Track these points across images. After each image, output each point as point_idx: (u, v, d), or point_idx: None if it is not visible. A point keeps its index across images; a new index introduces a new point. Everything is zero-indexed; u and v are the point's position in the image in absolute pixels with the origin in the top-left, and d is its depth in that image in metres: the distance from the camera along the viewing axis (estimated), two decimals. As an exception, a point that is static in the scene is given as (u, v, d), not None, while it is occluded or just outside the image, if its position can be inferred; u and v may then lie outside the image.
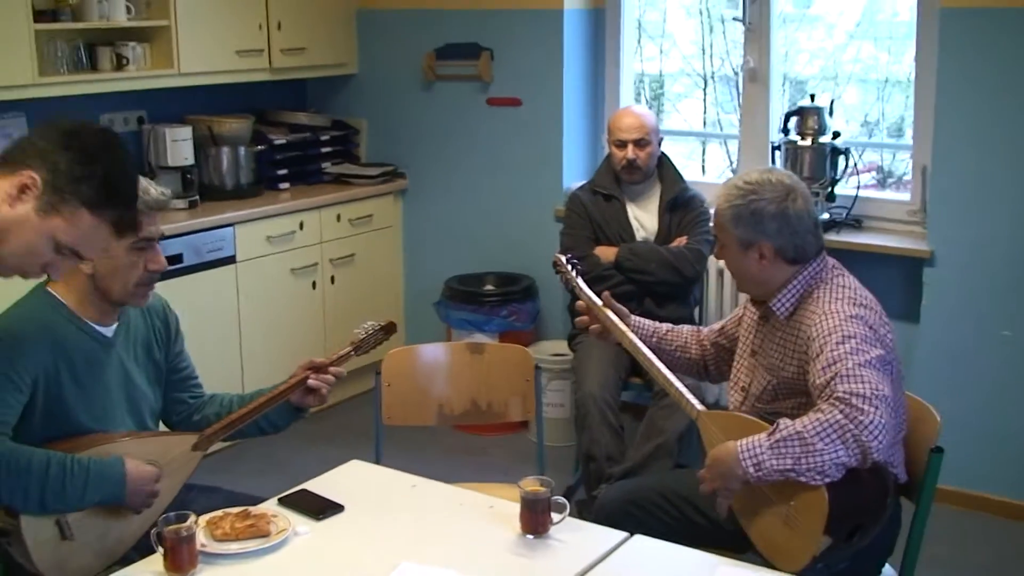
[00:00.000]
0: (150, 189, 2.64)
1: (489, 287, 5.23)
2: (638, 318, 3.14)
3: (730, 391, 2.96)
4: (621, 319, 3.06)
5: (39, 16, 4.28)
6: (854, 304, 2.65)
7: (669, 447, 3.93)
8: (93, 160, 2.12)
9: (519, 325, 5.05)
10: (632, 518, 2.84)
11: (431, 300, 5.30)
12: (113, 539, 2.52)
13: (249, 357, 4.91)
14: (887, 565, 2.75)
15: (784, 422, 2.48)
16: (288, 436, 5.04)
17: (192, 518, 2.26)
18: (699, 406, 2.78)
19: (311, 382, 2.78)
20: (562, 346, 4.87)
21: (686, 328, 3.18)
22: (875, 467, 2.47)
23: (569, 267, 3.23)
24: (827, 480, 2.41)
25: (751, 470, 2.46)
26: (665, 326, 3.17)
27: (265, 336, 4.99)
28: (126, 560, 2.46)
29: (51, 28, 4.34)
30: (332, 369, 2.80)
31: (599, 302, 3.09)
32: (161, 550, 2.25)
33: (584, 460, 4.04)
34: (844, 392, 2.44)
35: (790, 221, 2.71)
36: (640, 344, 2.98)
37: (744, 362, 2.92)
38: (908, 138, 4.76)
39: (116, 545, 2.51)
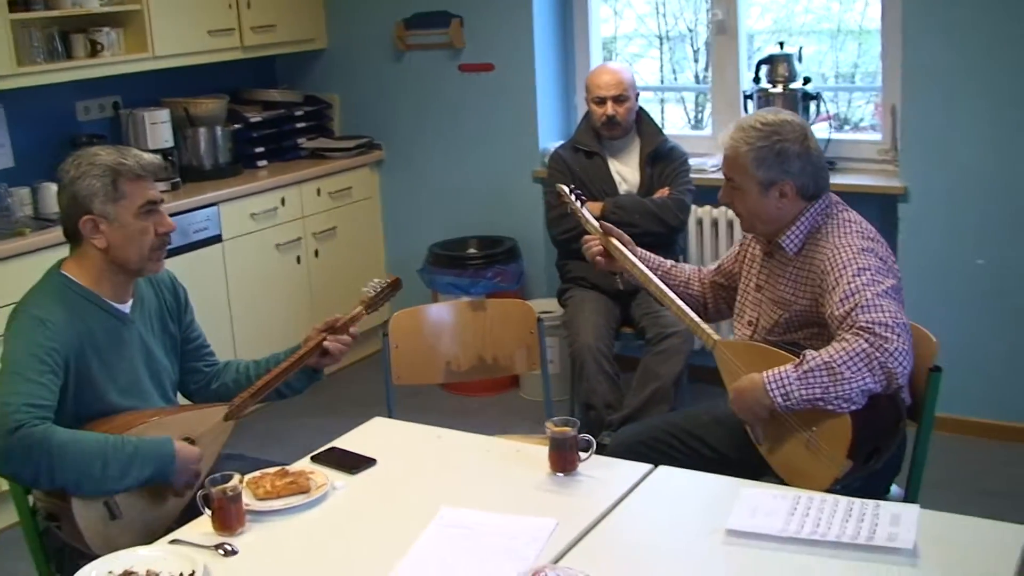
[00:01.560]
0: (143, 155, 2.68)
1: (472, 251, 5.32)
2: (643, 251, 3.19)
3: (737, 326, 3.04)
4: (625, 246, 3.14)
5: (12, 6, 4.27)
6: (863, 237, 2.74)
7: (665, 392, 4.05)
8: None
9: (504, 286, 5.13)
10: (644, 458, 2.93)
11: (415, 267, 5.37)
12: (156, 515, 2.59)
13: (240, 333, 4.97)
14: (894, 484, 2.87)
15: (810, 353, 2.56)
16: (284, 410, 5.12)
17: (237, 478, 2.34)
18: (715, 335, 2.86)
19: (327, 344, 2.84)
20: (548, 304, 4.96)
21: (688, 266, 3.26)
22: (890, 392, 2.58)
23: (573, 197, 3.31)
24: (853, 408, 2.51)
25: (779, 400, 2.55)
26: (669, 262, 3.23)
27: (255, 312, 5.05)
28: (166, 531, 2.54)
29: (25, 17, 4.34)
30: (350, 331, 2.87)
31: (600, 230, 3.17)
32: (208, 512, 2.32)
33: (584, 409, 4.15)
34: (867, 321, 2.52)
35: (812, 159, 2.78)
36: (650, 273, 3.05)
37: (749, 297, 2.99)
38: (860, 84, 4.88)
39: (159, 520, 2.58)
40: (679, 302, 2.98)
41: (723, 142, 2.85)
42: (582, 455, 2.51)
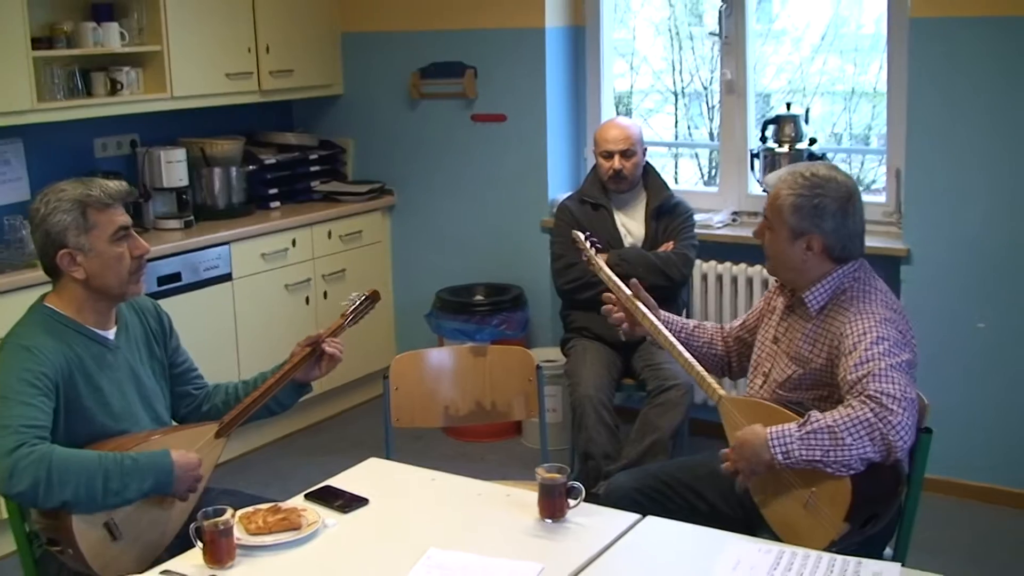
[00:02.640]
0: (108, 184, 2.76)
1: (479, 297, 5.36)
2: (667, 313, 3.23)
3: (751, 377, 3.05)
4: (649, 309, 3.16)
5: (36, 43, 4.37)
6: (887, 307, 2.77)
7: (663, 444, 4.06)
8: None
9: (510, 333, 5.17)
10: (638, 506, 2.95)
11: (422, 312, 5.42)
12: (155, 536, 2.64)
13: (247, 372, 4.95)
14: (888, 547, 2.87)
15: (815, 415, 2.59)
16: (286, 449, 5.18)
17: (229, 512, 2.37)
18: (721, 391, 2.87)
19: (327, 348, 2.96)
20: (552, 352, 5.00)
21: (710, 325, 3.29)
22: (889, 462, 2.58)
23: (588, 244, 3.36)
24: (851, 472, 2.53)
25: (779, 457, 2.57)
26: (692, 322, 3.27)
27: (262, 352, 5.07)
28: (158, 562, 2.57)
29: (48, 55, 4.44)
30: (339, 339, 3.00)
31: (618, 281, 3.20)
32: (200, 544, 2.35)
33: (582, 459, 4.17)
34: (875, 391, 2.55)
35: (847, 223, 2.81)
36: (660, 325, 3.08)
37: (766, 348, 3.00)
38: (875, 146, 4.92)
39: (157, 540, 2.64)
40: (687, 355, 2.99)
41: (771, 182, 2.90)
42: (571, 502, 2.54)
